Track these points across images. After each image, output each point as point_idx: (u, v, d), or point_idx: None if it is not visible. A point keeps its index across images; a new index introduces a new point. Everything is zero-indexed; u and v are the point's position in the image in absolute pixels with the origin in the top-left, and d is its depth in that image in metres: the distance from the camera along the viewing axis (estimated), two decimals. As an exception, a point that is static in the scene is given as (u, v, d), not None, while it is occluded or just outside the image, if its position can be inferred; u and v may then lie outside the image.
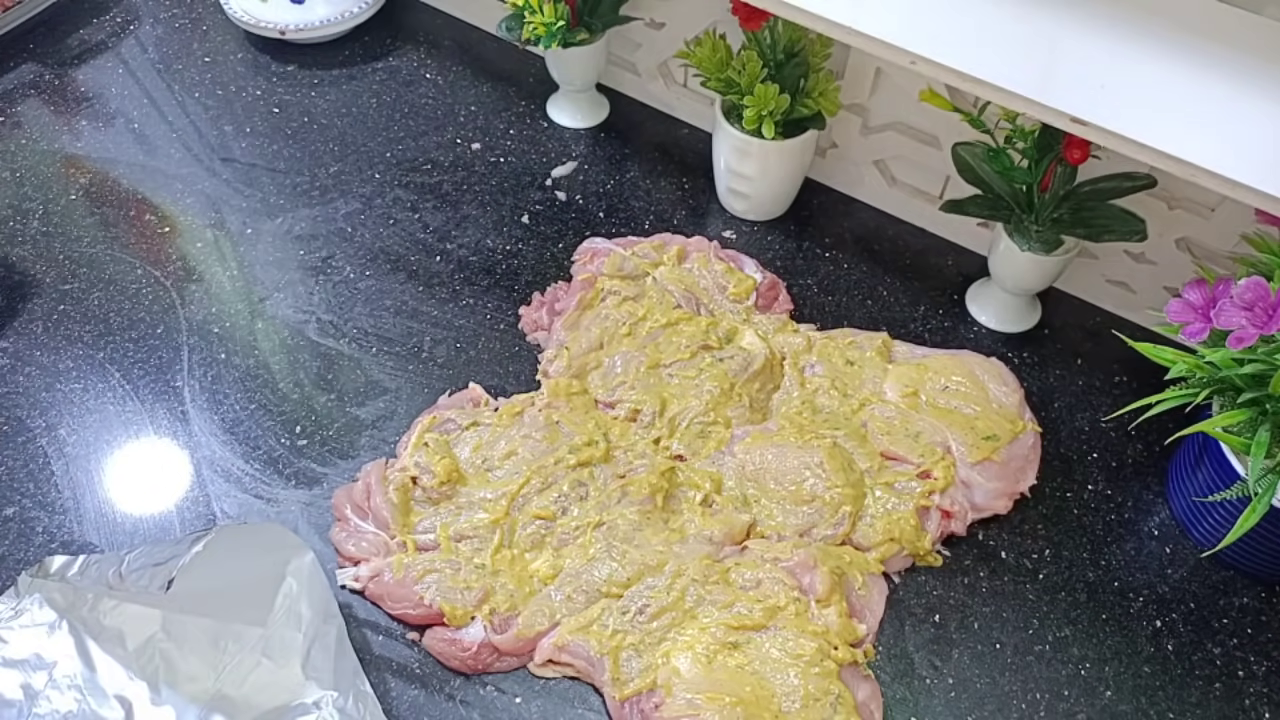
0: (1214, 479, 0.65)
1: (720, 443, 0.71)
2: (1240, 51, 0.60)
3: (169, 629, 0.59)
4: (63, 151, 0.92)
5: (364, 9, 1.01)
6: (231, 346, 0.79)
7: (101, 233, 0.86)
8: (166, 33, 1.03)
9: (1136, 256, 0.78)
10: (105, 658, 0.59)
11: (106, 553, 0.65)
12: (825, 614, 0.62)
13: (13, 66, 0.99)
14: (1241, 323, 0.57)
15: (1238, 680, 0.64)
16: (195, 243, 0.86)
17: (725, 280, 0.80)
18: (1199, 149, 0.56)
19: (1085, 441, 0.74)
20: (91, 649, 0.59)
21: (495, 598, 0.64)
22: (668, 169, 0.92)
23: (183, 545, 0.63)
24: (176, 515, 0.70)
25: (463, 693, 0.63)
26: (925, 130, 0.81)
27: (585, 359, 0.76)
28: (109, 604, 0.60)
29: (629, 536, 0.66)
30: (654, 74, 0.94)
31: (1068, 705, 0.63)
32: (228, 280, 0.84)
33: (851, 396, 0.74)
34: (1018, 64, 0.60)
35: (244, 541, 0.64)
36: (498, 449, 0.71)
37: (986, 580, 0.68)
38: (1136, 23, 0.62)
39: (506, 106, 0.95)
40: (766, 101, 0.76)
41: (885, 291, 0.83)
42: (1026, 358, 0.79)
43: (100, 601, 0.60)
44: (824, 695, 0.59)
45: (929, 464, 0.69)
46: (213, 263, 0.85)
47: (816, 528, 0.67)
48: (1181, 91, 0.59)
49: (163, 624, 0.60)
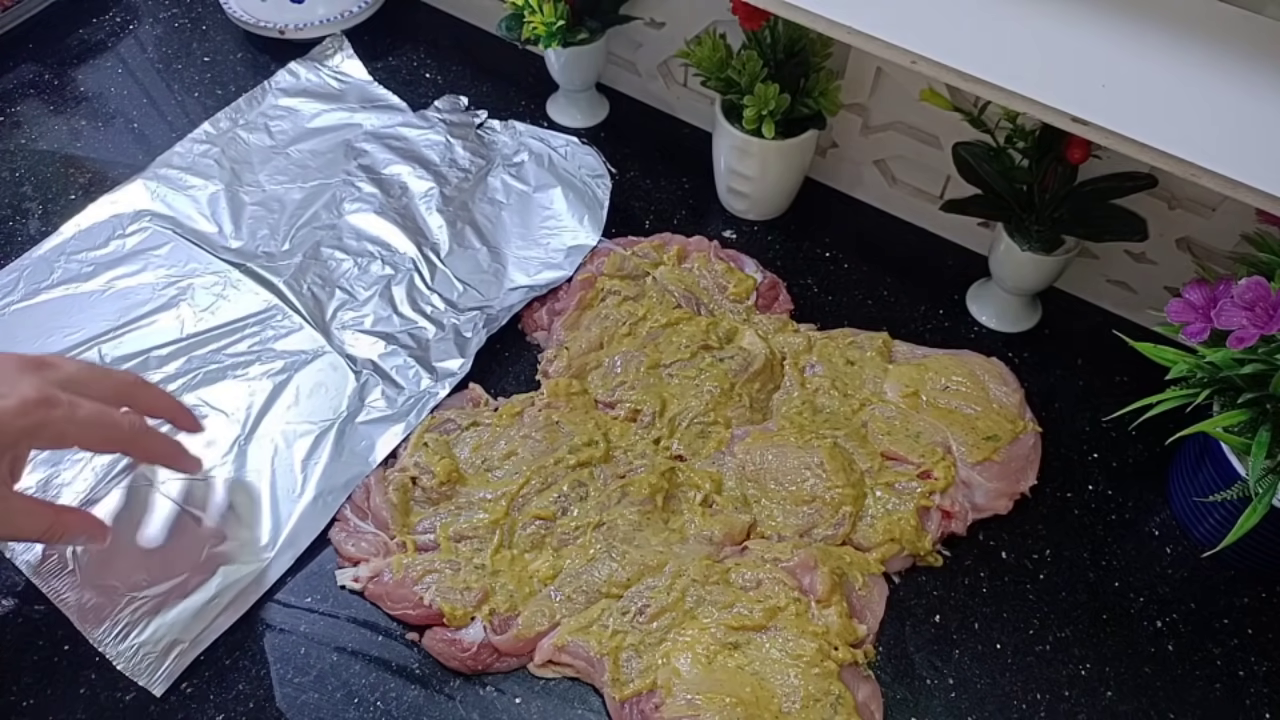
0: (1214, 479, 0.65)
1: (720, 443, 0.71)
2: (1240, 51, 0.60)
3: None
4: (63, 151, 0.92)
5: (364, 9, 1.01)
6: (231, 346, 0.79)
7: (101, 233, 0.86)
8: (166, 32, 1.03)
9: (1137, 256, 0.78)
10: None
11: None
12: (825, 614, 0.62)
13: (12, 66, 0.99)
14: (1242, 322, 0.57)
15: (1238, 680, 0.64)
16: (195, 243, 0.86)
17: (725, 280, 0.80)
18: (1199, 149, 0.56)
19: (1086, 441, 0.74)
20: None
21: (495, 598, 0.64)
22: (668, 169, 0.91)
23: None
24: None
25: (462, 693, 0.63)
26: (926, 130, 0.81)
27: (585, 359, 0.76)
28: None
29: (629, 537, 0.66)
30: (654, 74, 0.94)
31: (1068, 705, 0.63)
32: (227, 280, 0.84)
33: (852, 396, 0.74)
34: (1018, 63, 0.60)
35: None
36: (497, 449, 0.71)
37: (987, 580, 0.68)
38: (1136, 22, 0.62)
39: (506, 106, 0.95)
40: (766, 101, 0.76)
41: (885, 291, 0.83)
42: (1027, 358, 0.79)
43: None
44: (824, 696, 0.59)
45: (929, 464, 0.69)
46: (212, 263, 0.85)
47: (817, 528, 0.67)
48: (1182, 91, 0.59)
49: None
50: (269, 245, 0.83)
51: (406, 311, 0.78)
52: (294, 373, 0.75)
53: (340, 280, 0.80)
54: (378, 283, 0.80)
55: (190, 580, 0.65)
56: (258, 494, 0.69)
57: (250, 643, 0.64)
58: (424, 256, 0.81)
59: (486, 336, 0.77)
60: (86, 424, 0.57)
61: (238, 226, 0.84)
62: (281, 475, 0.70)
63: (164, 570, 0.65)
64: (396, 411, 0.73)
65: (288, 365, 0.75)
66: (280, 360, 0.75)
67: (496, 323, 0.78)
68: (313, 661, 0.64)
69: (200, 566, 0.65)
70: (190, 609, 0.64)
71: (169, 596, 0.64)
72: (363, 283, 0.80)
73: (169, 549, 0.66)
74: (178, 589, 0.65)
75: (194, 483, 0.69)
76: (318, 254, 0.82)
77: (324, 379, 0.74)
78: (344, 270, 0.81)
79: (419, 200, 0.85)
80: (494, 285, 0.81)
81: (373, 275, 0.81)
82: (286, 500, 0.69)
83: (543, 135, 0.90)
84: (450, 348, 0.76)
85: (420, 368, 0.75)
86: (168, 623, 0.63)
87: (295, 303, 0.79)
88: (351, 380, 0.74)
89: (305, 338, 0.77)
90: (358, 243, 0.83)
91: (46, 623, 0.64)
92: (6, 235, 0.85)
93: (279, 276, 0.80)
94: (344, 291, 0.80)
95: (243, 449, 0.71)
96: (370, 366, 0.75)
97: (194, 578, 0.65)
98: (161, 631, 0.63)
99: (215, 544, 0.67)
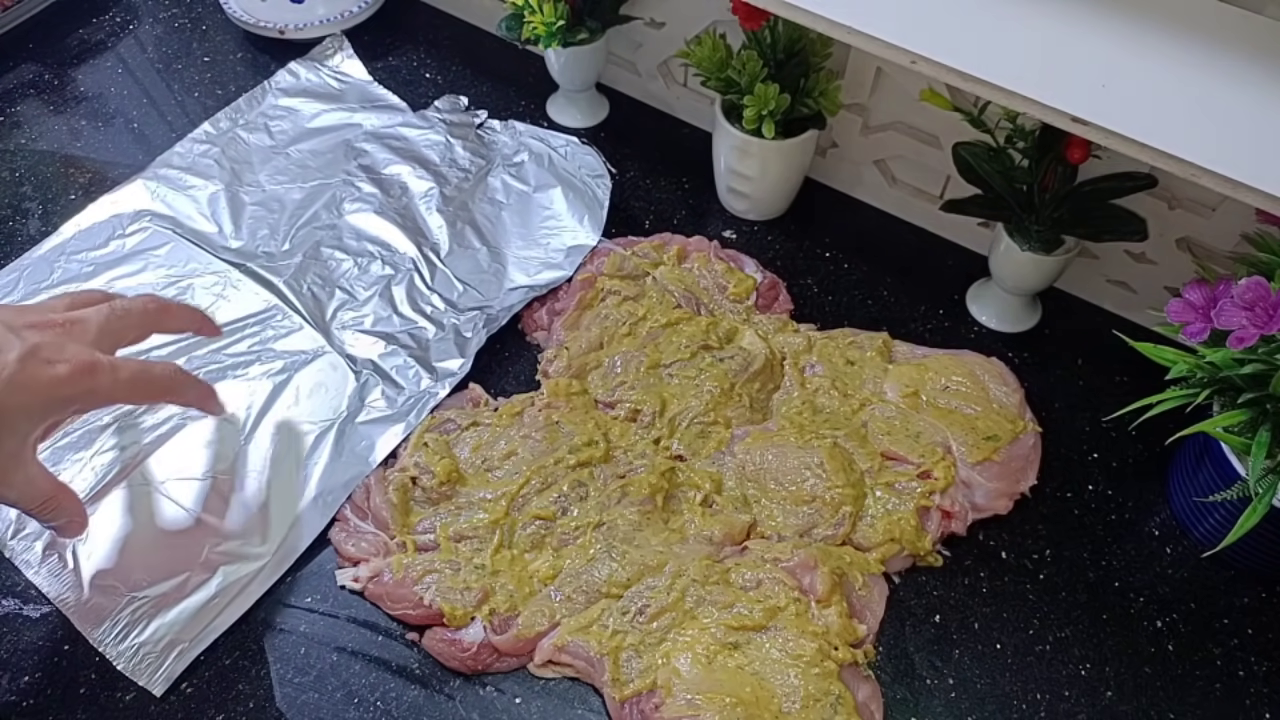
0: (1214, 479, 0.65)
1: (720, 443, 0.71)
2: (1240, 51, 0.60)
3: None
4: (62, 151, 0.92)
5: (364, 9, 1.01)
6: (231, 346, 0.79)
7: (101, 233, 0.86)
8: (166, 32, 1.03)
9: (1137, 256, 0.78)
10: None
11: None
12: (825, 614, 0.62)
13: (12, 66, 0.99)
14: (1242, 322, 0.57)
15: (1238, 680, 0.64)
16: (195, 243, 0.86)
17: (725, 280, 0.80)
18: (1199, 149, 0.56)
19: (1086, 441, 0.74)
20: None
21: (495, 598, 0.64)
22: (668, 169, 0.91)
23: None
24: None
25: (462, 693, 0.63)
26: (926, 130, 0.81)
27: (585, 359, 0.76)
28: None
29: (629, 537, 0.66)
30: (654, 74, 0.94)
31: (1068, 705, 0.63)
32: (227, 280, 0.84)
33: (852, 396, 0.74)
34: (1018, 63, 0.60)
35: None
36: (497, 449, 0.71)
37: (987, 580, 0.68)
38: (1137, 22, 0.62)
39: (506, 106, 0.95)
40: (766, 101, 0.76)
41: (885, 291, 0.83)
42: (1027, 358, 0.79)
43: None
44: (824, 696, 0.59)
45: (929, 464, 0.69)
46: (212, 263, 0.85)
47: (817, 528, 0.67)
48: (1182, 91, 0.59)
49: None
50: (269, 245, 0.83)
51: (406, 311, 0.78)
52: (294, 373, 0.75)
53: (340, 280, 0.80)
54: (378, 283, 0.80)
55: (190, 580, 0.65)
56: (258, 494, 0.69)
57: (250, 643, 0.64)
58: (424, 256, 0.81)
59: (486, 336, 0.77)
60: (130, 384, 0.60)
61: (238, 226, 0.84)
62: (281, 475, 0.70)
63: (164, 570, 0.65)
64: (396, 411, 0.73)
65: (288, 365, 0.75)
66: (280, 360, 0.75)
67: (496, 323, 0.78)
68: (313, 661, 0.64)
69: (200, 566, 0.65)
70: (190, 609, 0.64)
71: (169, 596, 0.64)
72: (363, 283, 0.80)
73: (169, 549, 0.66)
74: (178, 589, 0.65)
75: (194, 483, 0.69)
76: (318, 254, 0.82)
77: (324, 379, 0.74)
78: (344, 270, 0.81)
79: (419, 200, 0.85)
80: (494, 285, 0.81)
81: (373, 275, 0.81)
82: (286, 500, 0.69)
83: (543, 135, 0.90)
84: (450, 348, 0.76)
85: (420, 368, 0.75)
86: (168, 623, 0.63)
87: (295, 303, 0.79)
88: (351, 380, 0.74)
89: (305, 338, 0.77)
90: (358, 243, 0.83)
91: (46, 623, 0.64)
92: (6, 235, 0.85)
93: (279, 276, 0.80)
94: (344, 291, 0.80)
95: (243, 449, 0.71)
96: (370, 366, 0.75)
97: (194, 578, 0.65)
98: (161, 631, 0.63)
99: (215, 544, 0.67)
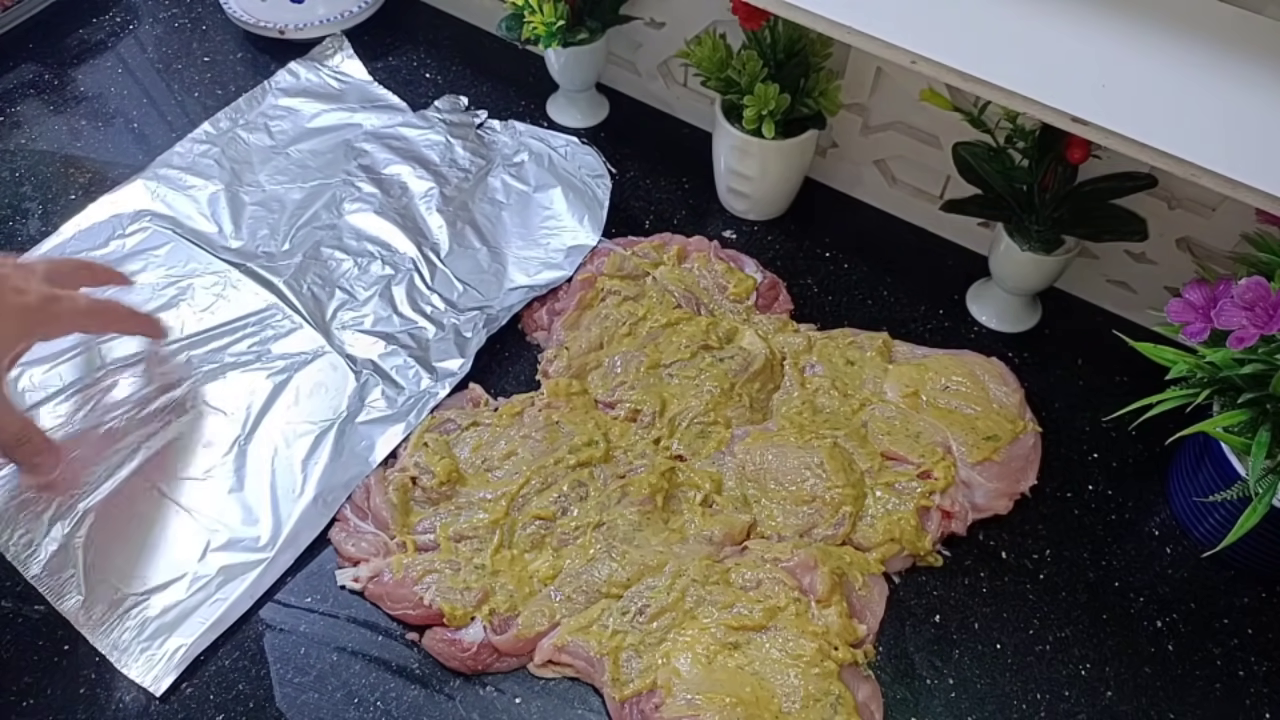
0: (1214, 479, 0.65)
1: (720, 443, 0.71)
2: (1240, 51, 0.60)
3: None
4: (62, 151, 0.92)
5: (364, 9, 1.01)
6: (231, 346, 0.79)
7: (101, 233, 0.86)
8: (166, 32, 1.03)
9: (1137, 256, 0.78)
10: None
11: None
12: (825, 614, 0.62)
13: (12, 66, 0.99)
14: (1242, 322, 0.57)
15: (1238, 680, 0.64)
16: (195, 243, 0.86)
17: (725, 280, 0.80)
18: (1199, 149, 0.56)
19: (1086, 441, 0.74)
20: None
21: (495, 598, 0.64)
22: (668, 169, 0.91)
23: None
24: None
25: (462, 693, 0.63)
26: (925, 130, 0.81)
27: (585, 359, 0.76)
28: None
29: (629, 537, 0.66)
30: (654, 74, 0.94)
31: (1068, 705, 0.63)
32: (227, 280, 0.84)
33: (852, 396, 0.74)
34: (1018, 63, 0.60)
35: None
36: (497, 449, 0.71)
37: (987, 580, 0.68)
38: (1136, 22, 0.62)
39: (506, 106, 0.95)
40: (766, 101, 0.76)
41: (885, 291, 0.83)
42: (1027, 358, 0.79)
43: None
44: (824, 696, 0.59)
45: (929, 464, 0.69)
46: (212, 263, 0.85)
47: (817, 528, 0.67)
48: (1181, 91, 0.59)
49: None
50: (269, 245, 0.83)
51: (406, 311, 0.78)
52: (294, 373, 0.75)
53: (340, 280, 0.80)
54: (378, 283, 0.80)
55: (190, 580, 0.65)
56: (258, 494, 0.69)
57: (250, 643, 0.64)
58: (424, 256, 0.81)
59: (486, 336, 0.77)
60: (89, 312, 0.69)
61: (238, 226, 0.84)
62: (281, 475, 0.70)
63: (164, 570, 0.65)
64: (396, 411, 0.73)
65: (288, 365, 0.75)
66: (280, 360, 0.75)
67: (496, 323, 0.78)
68: (313, 661, 0.64)
69: (200, 566, 0.65)
70: (190, 609, 0.64)
71: (169, 596, 0.64)
72: (363, 283, 0.80)
73: (169, 549, 0.66)
74: (178, 589, 0.65)
75: (194, 482, 0.69)
76: (318, 254, 0.82)
77: (324, 379, 0.74)
78: (344, 270, 0.81)
79: (419, 200, 0.85)
80: (494, 285, 0.81)
81: (373, 275, 0.81)
82: (286, 500, 0.69)
83: (543, 135, 0.90)
84: (450, 348, 0.76)
85: (420, 368, 0.75)
86: (168, 623, 0.63)
87: (295, 303, 0.79)
88: (351, 380, 0.74)
89: (305, 338, 0.77)
90: (358, 243, 0.83)
91: (46, 623, 0.64)
92: (6, 235, 0.85)
93: (279, 276, 0.80)
94: (344, 291, 0.80)
95: (243, 449, 0.71)
96: (370, 366, 0.75)
97: (194, 578, 0.65)
98: (161, 631, 0.63)
99: (215, 544, 0.67)
